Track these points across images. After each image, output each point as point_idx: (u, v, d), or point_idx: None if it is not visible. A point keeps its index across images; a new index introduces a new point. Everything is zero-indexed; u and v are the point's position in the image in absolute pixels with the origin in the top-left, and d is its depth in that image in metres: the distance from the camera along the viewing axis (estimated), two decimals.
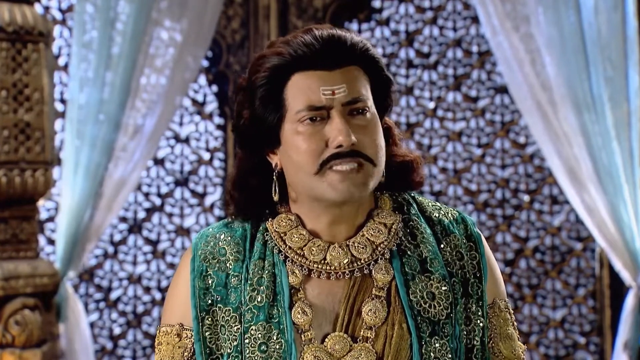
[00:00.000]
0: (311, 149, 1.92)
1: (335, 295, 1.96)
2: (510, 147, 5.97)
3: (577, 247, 5.89)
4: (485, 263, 2.03)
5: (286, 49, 1.93)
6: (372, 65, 1.98)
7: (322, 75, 1.93)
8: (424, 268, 1.98)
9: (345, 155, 1.91)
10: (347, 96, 1.93)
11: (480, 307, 2.00)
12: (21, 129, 4.76)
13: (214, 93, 6.09)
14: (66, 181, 5.13)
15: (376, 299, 1.95)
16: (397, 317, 1.95)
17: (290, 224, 2.00)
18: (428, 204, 2.06)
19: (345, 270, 1.96)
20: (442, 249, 2.01)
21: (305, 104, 1.92)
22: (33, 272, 4.79)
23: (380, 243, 1.98)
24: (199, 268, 1.99)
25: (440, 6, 6.02)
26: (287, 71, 1.93)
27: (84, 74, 5.13)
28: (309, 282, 1.97)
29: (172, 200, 6.08)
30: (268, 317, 1.93)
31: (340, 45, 1.94)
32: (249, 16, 6.03)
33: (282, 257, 1.97)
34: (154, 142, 5.35)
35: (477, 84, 6.00)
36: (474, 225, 2.06)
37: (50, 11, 5.75)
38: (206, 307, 1.97)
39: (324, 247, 1.97)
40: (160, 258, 6.04)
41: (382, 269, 1.97)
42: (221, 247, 2.00)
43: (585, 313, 5.88)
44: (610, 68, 4.98)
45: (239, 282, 1.97)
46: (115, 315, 5.98)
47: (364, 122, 1.94)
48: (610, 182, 5.02)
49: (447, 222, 2.04)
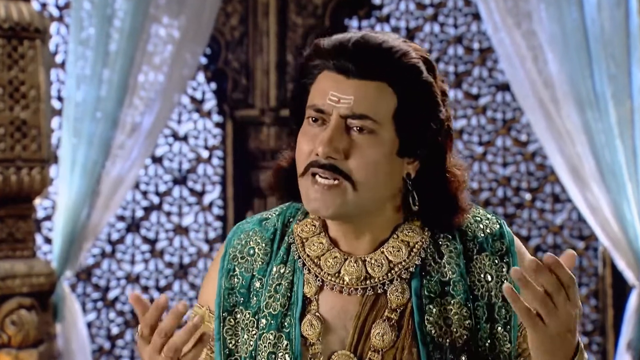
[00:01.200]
0: (303, 150, 1.87)
1: (347, 312, 1.89)
2: (512, 145, 5.96)
3: (579, 246, 5.88)
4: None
5: (323, 44, 1.88)
6: (409, 88, 1.85)
7: (339, 80, 1.85)
8: (444, 291, 1.88)
9: (322, 166, 1.83)
10: (348, 109, 1.83)
11: (508, 331, 1.89)
12: (17, 126, 4.74)
13: (213, 90, 6.08)
14: (63, 179, 5.11)
15: (387, 321, 1.87)
16: (407, 342, 1.87)
17: (314, 230, 1.94)
18: (468, 215, 1.94)
19: (357, 287, 1.89)
20: (471, 269, 1.90)
21: (313, 102, 1.87)
22: (29, 271, 4.77)
23: (398, 263, 1.89)
24: (227, 267, 1.96)
25: (441, 3, 6.01)
26: (319, 67, 1.88)
27: (81, 72, 5.11)
28: (323, 294, 1.91)
29: (171, 198, 6.07)
30: (280, 327, 1.90)
31: (370, 56, 1.84)
32: (247, 13, 6.01)
33: (300, 264, 1.92)
34: (152, 140, 5.33)
35: (478, 81, 5.99)
36: (513, 243, 1.93)
37: (47, 8, 5.72)
38: (229, 308, 1.95)
39: (340, 259, 1.90)
40: (159, 257, 6.03)
41: (397, 290, 1.88)
42: (251, 247, 1.97)
43: (588, 312, 5.87)
44: (613, 65, 4.96)
45: (261, 287, 1.94)
46: (113, 314, 5.97)
47: (360, 142, 1.83)
48: (613, 180, 4.99)
49: (482, 238, 1.92)
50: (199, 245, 6.07)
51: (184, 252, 6.05)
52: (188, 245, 6.06)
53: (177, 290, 6.04)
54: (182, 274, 6.04)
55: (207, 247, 6.07)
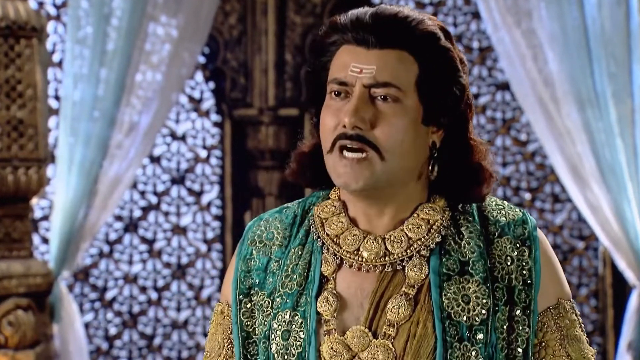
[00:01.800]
0: (329, 124, 1.87)
1: (364, 289, 1.89)
2: (512, 145, 5.96)
3: (579, 246, 5.87)
4: (539, 270, 1.91)
5: (340, 19, 1.89)
6: (429, 55, 1.86)
7: (359, 51, 1.85)
8: (464, 270, 1.88)
9: (349, 137, 1.84)
10: (372, 78, 1.84)
11: (527, 315, 1.89)
12: (14, 126, 4.73)
13: (211, 90, 6.08)
14: (60, 179, 5.10)
15: (403, 295, 1.87)
16: (423, 316, 1.86)
17: (333, 211, 1.94)
18: (491, 203, 1.94)
19: (376, 263, 1.89)
20: (491, 251, 1.90)
21: (334, 75, 1.87)
22: (26, 271, 4.76)
23: (417, 240, 1.89)
24: (245, 251, 1.97)
25: (441, 1, 6.00)
26: (337, 42, 1.89)
27: (79, 70, 5.11)
28: (341, 272, 1.91)
29: (169, 198, 6.06)
30: (295, 305, 1.89)
31: (385, 26, 1.85)
32: (246, 12, 6.01)
33: (319, 244, 1.93)
34: (150, 139, 5.32)
35: (477, 80, 5.99)
36: (535, 228, 1.93)
37: (44, 6, 5.71)
38: (245, 290, 1.95)
39: (359, 237, 1.90)
40: (157, 257, 6.02)
41: (415, 266, 1.88)
42: (270, 232, 1.98)
43: (588, 313, 5.87)
44: (613, 64, 4.95)
45: (278, 268, 1.94)
46: (110, 315, 5.96)
47: (386, 110, 1.84)
48: (613, 179, 4.98)
49: (504, 222, 1.92)
50: (197, 245, 6.06)
51: (182, 252, 6.05)
52: (186, 245, 6.05)
53: (175, 291, 6.03)
54: (180, 274, 6.03)
55: (205, 247, 6.06)
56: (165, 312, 6.00)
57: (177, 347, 6.01)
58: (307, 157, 1.96)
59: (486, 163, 1.91)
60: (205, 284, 6.05)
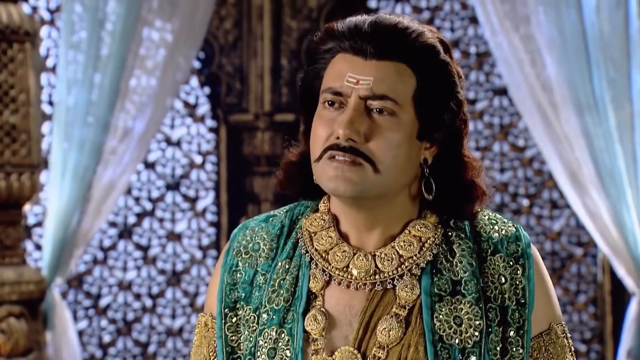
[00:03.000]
0: (320, 134, 1.82)
1: (353, 307, 1.84)
2: (509, 151, 5.95)
3: (577, 253, 5.86)
4: (532, 289, 1.86)
5: (337, 27, 1.84)
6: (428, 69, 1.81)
7: (356, 61, 1.81)
8: (455, 290, 1.82)
9: (342, 149, 1.79)
10: (368, 90, 1.79)
11: (521, 336, 1.84)
12: (7, 131, 4.71)
13: (206, 95, 6.06)
14: (53, 185, 5.08)
15: (394, 317, 1.82)
16: (414, 339, 1.81)
17: (322, 225, 1.89)
18: (484, 218, 1.89)
19: (366, 281, 1.84)
20: (484, 270, 1.85)
21: (329, 85, 1.82)
22: (19, 278, 4.73)
23: (409, 258, 1.84)
24: (230, 262, 1.92)
25: (438, 6, 5.99)
26: (334, 50, 1.84)
27: (72, 75, 5.09)
28: (330, 289, 1.86)
29: (163, 204, 6.04)
30: (282, 322, 1.85)
31: (384, 37, 1.80)
32: (242, 16, 5.99)
33: (307, 259, 1.87)
34: (144, 145, 5.31)
35: (475, 85, 5.98)
36: (529, 245, 1.88)
37: (38, 11, 5.69)
38: (231, 304, 1.90)
39: (349, 253, 1.85)
40: (151, 264, 6.00)
41: (407, 286, 1.83)
42: (256, 242, 1.93)
43: (586, 320, 5.85)
44: (612, 69, 4.93)
45: (265, 282, 1.89)
46: (104, 322, 5.93)
47: (381, 124, 1.79)
48: (612, 185, 4.96)
49: (497, 239, 1.87)
50: (192, 251, 6.04)
51: (177, 259, 6.02)
52: (181, 251, 6.03)
53: (169, 298, 6.01)
54: (175, 281, 6.01)
55: (201, 253, 6.04)
56: (160, 320, 5.98)
57: (171, 355, 5.98)
58: (295, 166, 1.91)
59: (479, 180, 1.86)
60: (201, 291, 6.02)
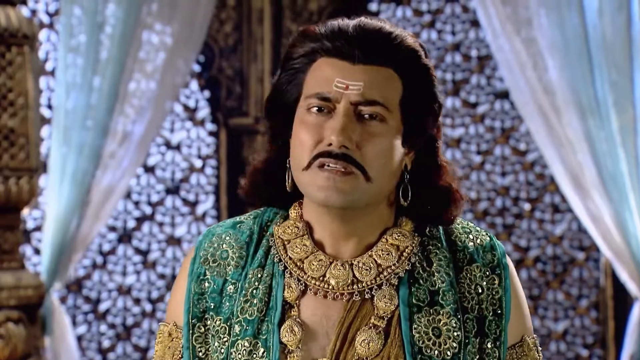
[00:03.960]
0: (307, 141, 1.77)
1: (329, 317, 1.80)
2: (511, 154, 5.93)
3: (579, 257, 5.84)
4: (509, 300, 1.85)
5: (319, 30, 1.80)
6: (414, 74, 1.79)
7: (343, 66, 1.77)
8: (433, 301, 1.80)
9: (334, 156, 1.74)
10: (359, 96, 1.75)
11: (498, 347, 1.82)
12: (5, 135, 4.68)
13: (206, 98, 6.05)
14: (52, 189, 5.06)
15: (373, 328, 1.78)
16: (393, 352, 1.77)
17: (296, 232, 1.84)
18: (457, 226, 1.87)
19: (343, 291, 1.80)
20: (461, 279, 1.83)
21: (315, 90, 1.77)
22: (17, 283, 4.71)
23: (387, 267, 1.80)
24: (197, 271, 1.86)
25: (439, 9, 5.98)
26: (315, 53, 1.79)
27: (71, 79, 5.08)
28: (305, 299, 1.81)
29: (163, 208, 6.02)
30: (256, 333, 1.79)
31: (372, 41, 1.77)
32: (242, 20, 5.97)
33: (281, 268, 1.82)
34: (144, 148, 5.29)
35: (476, 89, 5.96)
36: (504, 255, 1.86)
37: (37, 14, 5.66)
38: (199, 314, 1.84)
39: (325, 262, 1.81)
40: (151, 268, 5.98)
41: (385, 297, 1.79)
42: (224, 250, 1.86)
43: (588, 325, 5.83)
44: (615, 72, 4.91)
45: (235, 291, 1.83)
46: (104, 327, 5.91)
47: (373, 130, 1.76)
48: (615, 189, 4.94)
49: (472, 249, 1.85)
50: None
51: (176, 264, 6.01)
52: (181, 256, 6.02)
53: None
54: None
55: None
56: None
57: None
58: (261, 174, 1.87)
59: (455, 184, 1.84)
60: None
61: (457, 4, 5.98)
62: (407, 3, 6.01)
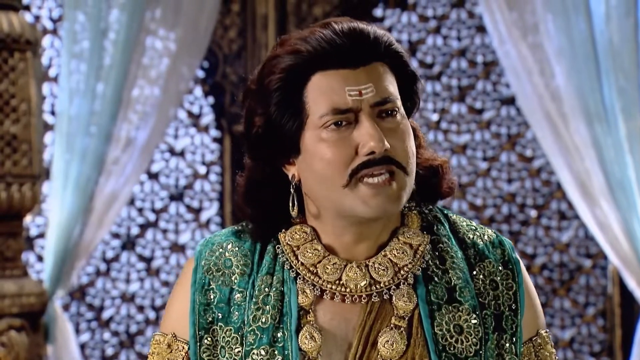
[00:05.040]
0: (338, 158, 1.72)
1: (349, 321, 1.77)
2: (517, 161, 5.91)
3: (586, 264, 5.81)
4: (523, 294, 1.83)
5: (304, 46, 1.73)
6: (397, 60, 1.79)
7: (345, 74, 1.73)
8: (452, 297, 1.78)
9: (377, 162, 1.72)
10: (376, 96, 1.73)
11: (514, 343, 1.81)
12: (7, 141, 4.66)
13: (210, 105, 6.03)
14: (55, 196, 5.04)
15: (395, 329, 1.75)
16: (417, 351, 1.75)
17: (305, 237, 1.81)
18: (462, 224, 1.87)
19: (362, 293, 1.77)
20: (475, 276, 1.81)
21: (329, 107, 1.73)
22: (19, 291, 4.69)
23: (404, 266, 1.78)
24: (201, 281, 1.82)
25: (444, 15, 5.96)
26: (306, 71, 1.74)
27: (75, 85, 5.07)
28: (321, 304, 1.78)
29: (167, 215, 6.01)
30: (272, 341, 1.75)
31: (364, 40, 1.75)
32: (246, 25, 5.96)
33: (292, 274, 1.79)
34: (147, 155, 5.28)
35: (482, 95, 5.94)
36: (513, 250, 1.85)
37: (40, 20, 5.65)
38: (206, 325, 1.80)
39: (340, 265, 1.78)
40: (155, 276, 5.97)
41: (404, 296, 1.77)
42: (227, 259, 1.83)
43: (595, 333, 5.81)
44: (622, 78, 4.88)
45: (244, 299, 1.79)
46: (107, 335, 5.89)
47: (394, 125, 1.75)
48: (623, 196, 4.91)
49: (482, 245, 1.84)
50: None
51: (180, 271, 5.96)
52: None
53: None
54: None
55: None
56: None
57: None
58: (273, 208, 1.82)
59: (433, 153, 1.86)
60: None
61: (462, 9, 5.96)
62: (413, 8, 5.99)
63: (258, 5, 5.94)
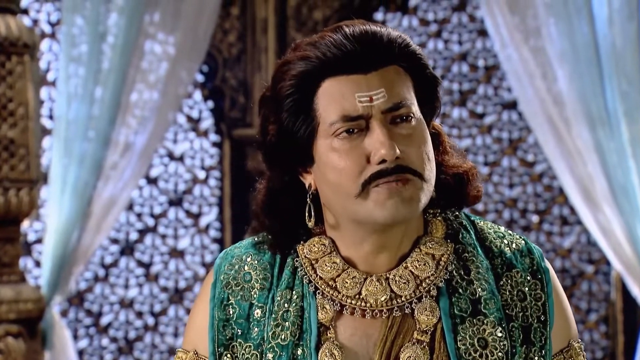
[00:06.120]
0: (350, 168, 1.67)
1: (370, 337, 1.72)
2: (519, 166, 5.90)
3: (588, 270, 5.79)
4: (552, 304, 1.77)
5: (314, 52, 1.69)
6: (414, 63, 1.73)
7: (356, 79, 1.68)
8: (476, 310, 1.72)
9: (389, 173, 1.66)
10: (387, 102, 1.68)
11: (543, 356, 1.75)
12: (5, 145, 4.64)
13: (210, 109, 6.02)
14: (53, 200, 5.01)
15: (417, 344, 1.71)
16: None
17: (324, 250, 1.76)
18: (489, 231, 1.81)
19: (382, 308, 1.72)
20: (501, 286, 1.76)
21: (339, 114, 1.68)
22: (17, 297, 4.66)
23: (426, 278, 1.73)
24: (220, 296, 1.78)
25: (445, 19, 5.95)
26: (317, 77, 1.69)
27: (73, 89, 5.04)
28: (341, 319, 1.74)
29: (166, 220, 5.99)
30: (291, 358, 1.72)
31: (376, 44, 1.69)
32: (246, 29, 5.94)
33: (312, 289, 1.75)
34: (146, 160, 5.25)
35: (483, 99, 5.94)
36: (542, 258, 1.80)
37: (39, 24, 5.63)
38: (225, 342, 1.76)
39: (359, 279, 1.73)
40: (153, 281, 5.96)
41: (426, 309, 1.72)
42: (246, 272, 1.79)
43: (598, 339, 5.80)
44: (625, 81, 4.86)
45: (263, 315, 1.76)
46: (106, 341, 5.88)
47: (409, 131, 1.69)
48: (626, 201, 4.88)
49: (510, 254, 1.78)
50: (195, 269, 6.00)
51: (179, 276, 5.98)
52: (184, 269, 5.99)
53: (172, 316, 5.96)
54: (177, 299, 5.96)
55: (204, 270, 5.99)
56: (162, 338, 5.93)
57: None
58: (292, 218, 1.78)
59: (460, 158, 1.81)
60: None
61: (464, 13, 5.95)
62: (414, 12, 5.98)
63: (258, 9, 5.92)
